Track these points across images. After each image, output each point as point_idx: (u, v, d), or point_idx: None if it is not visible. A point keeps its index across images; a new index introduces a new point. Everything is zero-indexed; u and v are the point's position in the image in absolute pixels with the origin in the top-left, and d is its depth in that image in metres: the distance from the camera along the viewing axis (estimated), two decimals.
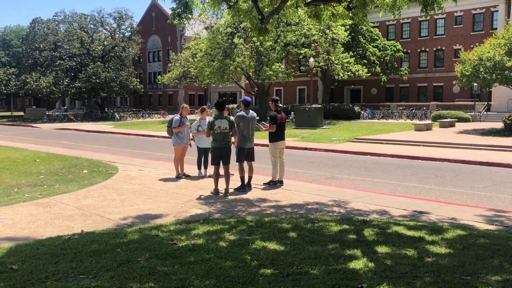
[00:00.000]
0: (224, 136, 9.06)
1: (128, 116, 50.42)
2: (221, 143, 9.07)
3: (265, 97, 37.94)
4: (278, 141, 10.07)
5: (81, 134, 30.35)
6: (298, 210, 7.66)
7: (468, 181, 11.45)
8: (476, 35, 42.36)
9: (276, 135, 10.02)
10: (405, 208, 7.85)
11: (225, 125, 9.02)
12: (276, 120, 9.93)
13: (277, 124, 9.94)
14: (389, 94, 48.11)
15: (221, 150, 9.12)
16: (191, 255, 5.04)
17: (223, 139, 9.07)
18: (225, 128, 9.02)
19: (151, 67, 70.48)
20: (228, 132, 9.10)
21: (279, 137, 10.10)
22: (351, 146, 20.27)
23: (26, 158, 14.46)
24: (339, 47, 36.25)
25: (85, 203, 8.17)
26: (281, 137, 10.15)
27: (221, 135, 9.02)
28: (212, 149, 9.39)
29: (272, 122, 9.92)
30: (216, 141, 9.09)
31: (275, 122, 9.93)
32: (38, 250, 5.29)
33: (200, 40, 36.64)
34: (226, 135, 9.09)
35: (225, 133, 9.05)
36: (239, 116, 9.53)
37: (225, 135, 9.06)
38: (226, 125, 9.04)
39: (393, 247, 5.15)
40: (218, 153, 9.13)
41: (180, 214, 7.39)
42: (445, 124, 29.30)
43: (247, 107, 9.71)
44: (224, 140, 9.09)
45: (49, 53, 50.43)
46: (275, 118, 9.94)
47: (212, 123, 9.02)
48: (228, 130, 9.08)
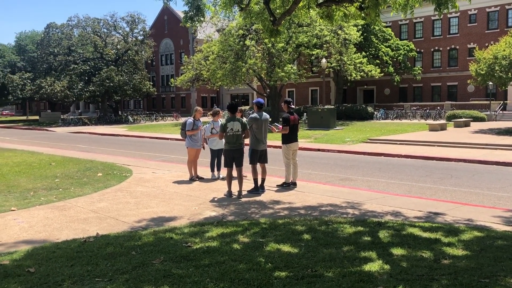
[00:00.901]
0: (237, 138, 9.06)
1: (141, 119, 50.77)
2: (233, 145, 9.06)
3: (277, 99, 37.90)
4: (291, 142, 10.04)
5: (95, 137, 30.63)
6: (312, 212, 7.63)
7: (485, 182, 11.30)
8: (490, 33, 41.84)
9: (289, 137, 9.99)
10: (420, 209, 7.76)
11: (237, 127, 9.01)
12: (289, 122, 9.90)
13: (290, 125, 9.91)
14: (403, 94, 47.73)
15: (234, 152, 9.11)
16: (206, 257, 5.04)
17: (236, 141, 9.06)
18: (238, 130, 9.01)
19: (163, 70, 70.96)
20: (240, 134, 9.09)
21: (292, 139, 10.07)
22: (365, 147, 20.14)
23: (41, 162, 14.63)
24: (352, 48, 36.08)
25: (100, 206, 8.24)
26: (294, 139, 10.11)
27: (234, 137, 9.02)
28: (225, 152, 9.38)
29: (285, 124, 9.89)
30: (229, 143, 9.09)
31: (288, 124, 9.89)
32: (54, 253, 5.34)
33: (212, 42, 36.74)
34: (239, 137, 9.08)
35: (238, 135, 9.05)
36: (252, 118, 9.53)
37: (237, 137, 9.06)
38: (239, 127, 9.03)
39: (408, 249, 5.09)
40: (231, 155, 9.12)
41: (194, 216, 7.41)
42: (460, 124, 28.96)
43: (260, 109, 9.69)
44: (237, 142, 9.08)
45: (63, 58, 51.02)
46: (288, 119, 9.91)
47: (225, 126, 9.02)
48: (240, 132, 9.06)
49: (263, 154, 9.68)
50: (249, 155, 9.53)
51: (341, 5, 8.40)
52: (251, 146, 9.55)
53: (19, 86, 52.77)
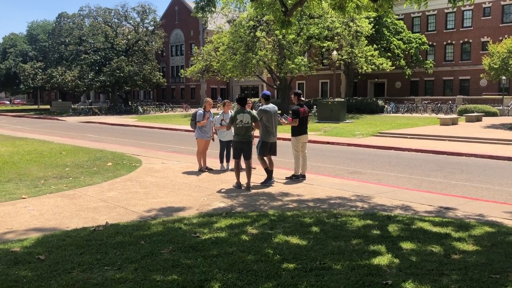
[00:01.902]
0: (246, 130, 9.01)
1: (151, 109, 50.93)
2: (243, 137, 9.03)
3: (287, 91, 37.78)
4: (301, 135, 9.98)
5: (105, 127, 30.79)
6: (321, 204, 7.60)
7: (496, 177, 11.17)
8: (505, 27, 41.22)
9: (299, 129, 9.93)
10: (431, 203, 7.70)
11: (247, 119, 8.95)
12: (299, 114, 9.84)
13: (300, 118, 9.84)
14: (414, 88, 47.29)
15: (243, 144, 9.07)
16: (214, 248, 5.05)
17: (245, 133, 9.02)
18: (247, 122, 8.96)
19: (173, 61, 70.97)
20: (250, 126, 9.04)
21: (302, 131, 10.01)
22: (375, 140, 20.02)
23: (52, 151, 14.74)
24: (363, 40, 35.76)
25: (110, 195, 8.28)
26: (304, 131, 10.06)
27: (243, 129, 8.98)
28: (233, 143, 9.36)
29: (295, 116, 9.82)
30: (238, 135, 9.06)
31: (298, 116, 9.82)
32: (64, 241, 5.38)
33: (223, 33, 36.65)
34: (248, 129, 9.04)
35: (247, 127, 8.99)
36: (262, 110, 9.47)
37: (247, 129, 9.01)
38: (248, 119, 8.97)
39: (418, 243, 5.05)
40: (240, 147, 9.09)
41: (202, 207, 7.42)
42: (471, 119, 28.65)
43: (268, 101, 9.63)
44: (246, 135, 9.04)
45: (74, 47, 51.20)
46: (298, 112, 9.84)
47: (234, 117, 8.99)
48: (250, 124, 9.03)
49: (272, 147, 9.61)
50: (259, 147, 9.50)
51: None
52: (261, 139, 9.49)
53: (31, 75, 53.07)
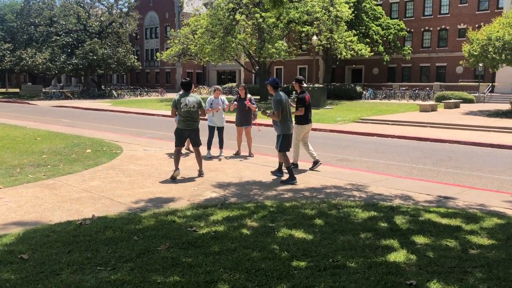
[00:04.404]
0: (191, 115, 8.31)
1: (125, 94, 49.76)
2: (188, 123, 8.33)
3: (266, 76, 37.29)
4: (306, 124, 9.34)
5: (79, 111, 29.78)
6: (317, 194, 7.30)
7: (484, 165, 11.12)
8: (481, 14, 41.64)
9: (305, 118, 9.27)
10: (428, 193, 7.50)
11: (192, 103, 8.26)
12: (305, 102, 9.14)
13: (306, 106, 9.19)
14: (391, 74, 47.53)
15: (190, 132, 8.42)
16: (215, 244, 4.67)
17: (191, 119, 8.32)
18: (193, 107, 8.27)
19: (148, 44, 69.40)
20: (196, 111, 8.34)
21: (308, 120, 9.35)
22: (357, 126, 19.89)
23: (26, 136, 13.99)
24: (343, 25, 35.47)
25: (92, 184, 7.78)
26: (309, 120, 9.42)
27: (188, 114, 8.27)
28: (177, 131, 8.53)
29: (301, 105, 9.11)
30: (183, 121, 8.33)
31: (304, 105, 9.12)
32: (49, 237, 4.91)
33: (201, 16, 35.76)
34: (194, 114, 8.33)
35: (193, 111, 8.30)
36: (277, 100, 8.20)
37: (192, 114, 8.30)
38: (194, 104, 8.27)
39: (431, 237, 4.79)
40: (185, 135, 8.48)
41: (194, 197, 7.02)
42: (450, 105, 28.91)
43: (276, 89, 8.40)
44: (192, 120, 8.34)
45: (45, 29, 49.21)
46: (304, 100, 9.13)
47: (178, 101, 8.28)
48: (196, 109, 8.32)
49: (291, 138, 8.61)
50: (280, 143, 8.34)
51: None
52: (282, 132, 8.32)
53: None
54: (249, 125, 11.27)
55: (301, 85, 9.37)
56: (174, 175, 8.31)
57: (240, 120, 11.24)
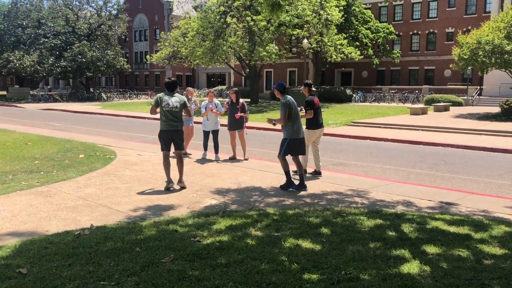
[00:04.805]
0: (174, 115, 7.78)
1: (115, 96, 49.32)
2: (171, 124, 7.79)
3: (257, 79, 37.22)
4: (317, 128, 9.23)
5: (68, 115, 29.38)
6: (319, 200, 7.20)
7: (480, 169, 11.12)
8: (469, 18, 42.03)
9: (315, 122, 9.16)
10: (430, 198, 7.44)
11: (175, 102, 7.77)
12: (314, 105, 9.02)
13: (315, 109, 9.09)
14: (380, 77, 47.75)
15: (172, 133, 7.85)
16: (221, 255, 4.53)
17: (173, 119, 7.79)
18: (176, 107, 7.76)
19: (137, 47, 68.89)
20: (178, 111, 7.81)
21: (319, 124, 9.24)
22: (350, 130, 19.87)
23: (16, 141, 13.69)
24: (333, 28, 35.55)
25: (88, 192, 7.58)
26: (321, 124, 9.31)
27: (171, 114, 7.76)
28: (160, 133, 7.98)
29: (309, 108, 8.97)
30: (165, 122, 7.80)
31: (312, 108, 8.99)
32: (47, 249, 4.72)
33: (191, 19, 35.55)
34: (176, 114, 7.80)
35: (175, 112, 7.78)
36: (286, 104, 7.82)
37: (174, 114, 7.78)
38: (177, 104, 7.77)
39: (441, 246, 4.70)
40: (169, 137, 7.89)
41: (193, 205, 6.86)
42: (440, 108, 29.08)
43: (284, 94, 8.01)
44: (174, 121, 7.81)
45: (33, 31, 48.59)
46: (313, 103, 9.01)
47: (160, 100, 7.77)
48: (178, 109, 7.80)
49: (302, 144, 8.11)
50: (284, 146, 7.95)
51: None
52: (289, 136, 7.91)
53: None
54: (241, 128, 11.27)
55: (310, 89, 9.22)
56: (168, 186, 7.82)
57: (232, 124, 11.22)
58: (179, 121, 7.90)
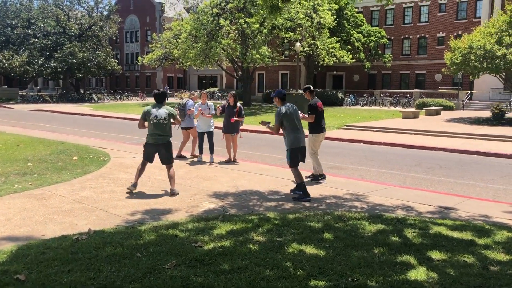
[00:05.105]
0: (162, 129, 7.54)
1: (105, 98, 48.90)
2: (158, 138, 7.57)
3: (249, 81, 37.17)
4: (321, 132, 9.13)
5: (59, 116, 29.06)
6: (318, 205, 7.14)
7: (475, 173, 11.15)
8: (459, 23, 42.40)
9: (319, 126, 9.03)
10: (428, 203, 7.42)
11: (163, 114, 7.50)
12: (316, 109, 8.87)
13: (318, 113, 8.95)
14: (372, 81, 47.95)
15: (158, 147, 7.62)
16: (224, 261, 4.45)
17: (161, 133, 7.56)
18: (164, 118, 7.50)
19: (128, 48, 68.51)
20: (167, 124, 7.57)
21: (322, 128, 9.13)
22: (343, 133, 19.87)
23: (7, 142, 13.46)
24: (326, 32, 35.64)
25: (83, 195, 7.44)
26: (324, 128, 9.22)
27: (158, 127, 7.53)
28: (146, 146, 7.80)
29: (311, 112, 8.82)
30: (152, 136, 7.59)
31: (314, 112, 8.84)
32: (45, 255, 4.60)
33: (184, 20, 35.42)
34: (164, 128, 7.56)
35: (164, 124, 7.53)
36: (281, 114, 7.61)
37: (162, 128, 7.54)
38: (165, 115, 7.50)
39: (446, 252, 4.67)
40: (154, 150, 7.68)
41: (191, 209, 6.76)
42: (431, 112, 29.25)
43: (284, 101, 7.78)
44: (162, 135, 7.58)
45: (22, 31, 48.04)
46: (316, 107, 8.87)
47: (148, 112, 7.55)
48: (167, 121, 7.53)
49: (302, 153, 7.89)
50: (288, 157, 7.79)
51: None
52: (289, 146, 7.73)
53: None
54: (236, 132, 11.27)
55: (311, 93, 9.13)
56: (130, 188, 7.63)
57: (228, 127, 11.18)
58: (166, 135, 7.64)
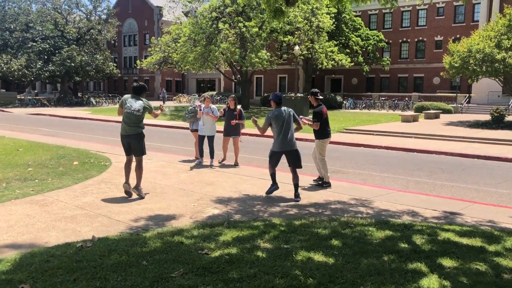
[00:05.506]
0: (135, 120, 7.49)
1: (104, 101, 48.81)
2: (130, 128, 7.52)
3: (247, 85, 37.14)
4: (327, 137, 9.20)
5: (57, 120, 28.96)
6: (323, 210, 7.07)
7: (478, 177, 11.11)
8: (457, 27, 42.50)
9: (325, 131, 9.10)
10: (433, 208, 7.36)
11: (138, 105, 7.46)
12: (321, 116, 8.93)
13: (323, 119, 9.01)
14: (370, 84, 47.99)
15: (130, 138, 7.57)
16: (232, 269, 4.37)
17: (133, 123, 7.51)
18: (138, 110, 7.46)
19: (126, 52, 68.46)
20: (140, 116, 7.52)
21: (328, 134, 9.22)
22: (343, 137, 19.82)
23: (6, 147, 13.36)
24: (324, 36, 35.68)
25: (86, 200, 7.36)
26: (330, 133, 9.31)
27: (131, 117, 7.49)
28: (121, 138, 7.78)
29: (316, 119, 8.91)
30: (125, 125, 7.55)
31: (319, 119, 8.90)
32: (49, 263, 4.52)
33: (183, 24, 35.39)
34: (137, 118, 7.51)
35: (137, 116, 7.49)
36: (268, 116, 7.95)
37: (136, 118, 7.49)
38: (139, 107, 7.46)
39: (457, 259, 4.61)
40: (126, 142, 7.68)
41: (196, 214, 6.69)
42: (430, 116, 29.26)
43: (279, 105, 7.96)
44: (134, 125, 7.52)
45: (21, 34, 47.95)
46: (321, 114, 8.92)
47: (124, 101, 7.56)
48: (140, 113, 7.50)
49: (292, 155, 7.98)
50: (269, 156, 8.16)
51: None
52: (271, 148, 8.08)
53: None
54: (237, 135, 11.40)
55: (316, 97, 9.13)
56: (124, 187, 7.73)
57: (228, 130, 11.36)
58: (135, 126, 7.55)
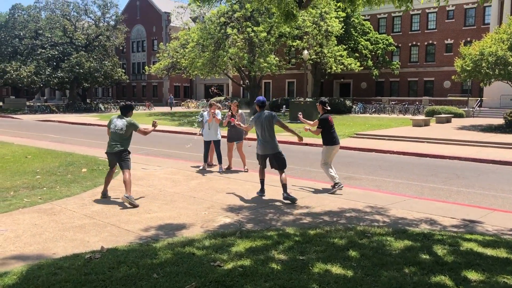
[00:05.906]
0: (119, 138, 7.78)
1: (112, 107, 48.91)
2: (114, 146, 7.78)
3: (256, 90, 37.02)
4: (334, 144, 9.31)
5: (66, 126, 28.99)
6: (338, 219, 6.86)
7: (494, 183, 10.82)
8: (467, 30, 42.13)
9: (331, 138, 9.25)
10: (452, 216, 7.12)
11: (121, 125, 7.80)
12: (326, 123, 9.11)
13: (328, 127, 9.19)
14: (379, 88, 47.66)
15: (113, 156, 7.85)
16: (246, 282, 4.18)
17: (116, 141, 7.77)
18: (121, 129, 7.77)
19: (135, 57, 68.75)
20: (123, 134, 7.80)
21: (337, 140, 9.36)
22: (354, 142, 19.57)
23: (15, 154, 13.30)
24: (333, 40, 35.49)
25: (94, 209, 7.21)
26: (338, 140, 9.43)
27: (115, 136, 7.81)
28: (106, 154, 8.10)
29: (320, 126, 9.10)
30: (109, 143, 7.89)
31: (324, 126, 9.09)
32: (57, 276, 4.36)
33: (191, 30, 35.41)
34: (120, 137, 7.78)
35: (120, 134, 7.78)
36: (251, 120, 8.64)
37: (119, 137, 7.78)
38: (122, 126, 7.78)
39: (483, 272, 4.37)
40: (110, 158, 8.01)
41: (206, 223, 6.51)
42: (442, 120, 28.90)
43: (262, 108, 8.57)
44: (117, 144, 7.77)
45: (30, 41, 48.30)
46: (327, 121, 9.12)
47: (110, 122, 8.01)
48: (123, 132, 7.78)
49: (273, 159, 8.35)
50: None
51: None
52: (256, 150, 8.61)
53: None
54: (240, 140, 11.39)
55: (324, 107, 9.27)
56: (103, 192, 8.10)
57: (232, 135, 11.37)
58: (118, 144, 7.79)
